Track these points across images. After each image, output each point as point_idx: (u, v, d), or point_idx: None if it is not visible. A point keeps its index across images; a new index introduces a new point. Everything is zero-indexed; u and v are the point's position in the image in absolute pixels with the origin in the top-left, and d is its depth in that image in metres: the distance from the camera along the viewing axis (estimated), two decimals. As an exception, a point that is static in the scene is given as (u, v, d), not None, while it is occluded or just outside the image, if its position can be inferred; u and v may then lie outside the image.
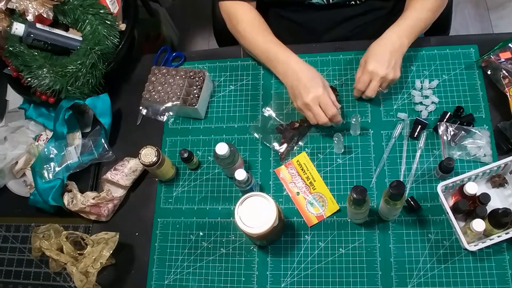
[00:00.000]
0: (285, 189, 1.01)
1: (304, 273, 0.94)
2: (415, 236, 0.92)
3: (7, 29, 1.07)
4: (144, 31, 1.92)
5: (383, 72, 0.96)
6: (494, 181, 0.93)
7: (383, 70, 0.96)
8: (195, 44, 2.21)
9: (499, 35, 1.06)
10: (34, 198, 1.05)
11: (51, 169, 1.06)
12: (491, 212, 0.84)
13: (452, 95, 1.03)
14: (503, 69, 0.97)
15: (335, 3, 1.10)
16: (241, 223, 0.85)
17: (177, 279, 0.98)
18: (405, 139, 1.00)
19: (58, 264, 0.97)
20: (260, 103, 1.11)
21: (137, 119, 1.16)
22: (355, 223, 0.96)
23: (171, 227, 1.02)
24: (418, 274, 0.90)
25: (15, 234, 1.10)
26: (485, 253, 0.89)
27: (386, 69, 0.96)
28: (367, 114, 1.05)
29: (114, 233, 0.96)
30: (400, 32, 0.99)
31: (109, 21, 1.10)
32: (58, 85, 1.06)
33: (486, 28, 2.01)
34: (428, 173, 0.97)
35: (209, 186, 1.05)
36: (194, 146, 1.09)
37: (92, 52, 1.06)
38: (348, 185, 0.99)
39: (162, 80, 1.10)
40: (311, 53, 1.14)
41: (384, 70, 0.96)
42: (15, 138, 1.14)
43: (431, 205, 0.94)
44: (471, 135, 0.96)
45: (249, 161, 1.06)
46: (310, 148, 1.04)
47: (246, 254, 0.97)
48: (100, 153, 1.09)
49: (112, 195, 1.03)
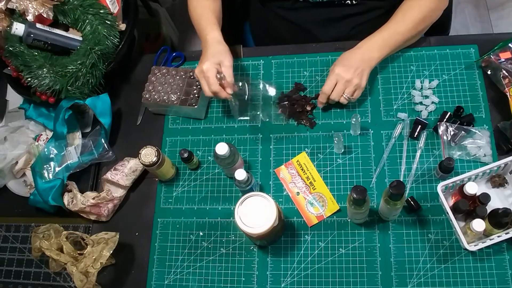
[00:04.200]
0: (285, 189, 1.01)
1: (304, 273, 0.94)
2: (415, 236, 0.92)
3: (7, 29, 1.07)
4: (144, 31, 1.92)
5: (348, 76, 0.98)
6: (494, 181, 0.93)
7: (348, 74, 0.98)
8: (195, 44, 2.21)
9: (499, 35, 1.06)
10: (34, 198, 1.05)
11: (51, 169, 1.06)
12: (491, 212, 0.84)
13: (452, 95, 1.03)
14: (503, 69, 0.97)
15: (329, 1, 1.10)
16: (241, 223, 0.85)
17: (177, 279, 0.98)
18: (405, 139, 1.00)
19: (58, 264, 0.97)
20: (260, 103, 1.11)
21: (137, 119, 1.16)
22: (355, 223, 0.96)
23: (171, 227, 1.02)
24: (418, 274, 0.90)
25: (15, 234, 1.10)
26: (485, 253, 0.89)
27: (352, 74, 0.98)
28: (367, 114, 1.05)
29: (114, 233, 0.96)
30: (373, 44, 1.01)
31: (109, 21, 1.10)
32: (58, 85, 1.06)
33: (486, 28, 2.01)
34: (428, 173, 0.97)
35: (209, 186, 1.05)
36: (194, 146, 1.09)
37: (92, 52, 1.06)
38: (348, 185, 0.99)
39: (162, 80, 1.10)
40: (311, 53, 1.14)
41: (349, 75, 0.98)
42: (15, 138, 1.14)
43: (431, 205, 0.94)
44: (471, 135, 0.96)
45: (249, 161, 1.06)
46: (310, 148, 1.04)
47: (246, 254, 0.97)
48: (100, 153, 1.09)
49: (112, 195, 1.03)
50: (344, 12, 1.13)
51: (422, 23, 1.03)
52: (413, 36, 1.04)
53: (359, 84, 0.99)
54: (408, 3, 1.03)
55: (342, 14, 1.13)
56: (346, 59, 1.00)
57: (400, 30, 1.02)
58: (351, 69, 0.98)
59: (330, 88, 1.00)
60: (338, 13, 1.13)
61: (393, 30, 1.02)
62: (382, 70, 1.08)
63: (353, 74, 0.98)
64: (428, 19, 1.03)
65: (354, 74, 0.98)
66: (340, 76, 0.99)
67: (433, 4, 1.02)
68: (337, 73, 0.99)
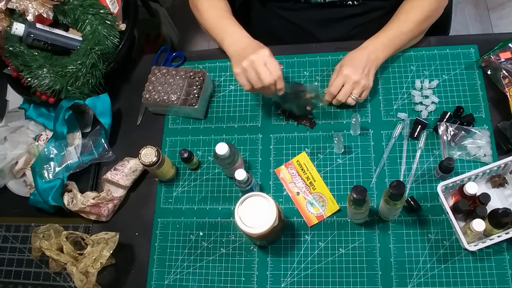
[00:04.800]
0: (285, 189, 1.01)
1: (304, 273, 0.94)
2: (415, 236, 0.92)
3: (7, 29, 1.07)
4: (144, 31, 1.92)
5: (356, 77, 0.97)
6: (494, 181, 0.93)
7: (357, 76, 0.97)
8: (195, 44, 2.21)
9: (499, 35, 1.06)
10: (34, 198, 1.05)
11: (51, 169, 1.06)
12: (491, 212, 0.84)
13: (452, 95, 1.03)
14: (503, 69, 0.97)
15: (330, 2, 1.10)
16: (241, 223, 0.85)
17: (177, 279, 0.98)
18: (405, 139, 1.00)
19: (58, 264, 0.97)
20: (260, 103, 1.11)
21: (137, 119, 1.16)
22: (355, 223, 0.96)
23: (171, 227, 1.02)
24: (418, 274, 0.90)
25: (15, 234, 1.10)
26: (485, 253, 0.89)
27: (360, 75, 0.98)
28: (367, 114, 1.05)
29: (114, 233, 0.96)
30: (377, 45, 1.01)
31: (109, 21, 1.10)
32: (58, 85, 1.06)
33: (486, 28, 2.01)
34: (428, 173, 0.97)
35: (209, 186, 1.05)
36: (194, 146, 1.09)
37: (92, 52, 1.06)
38: (348, 185, 0.99)
39: (162, 80, 1.10)
40: (311, 53, 1.14)
41: (358, 76, 0.97)
42: (15, 138, 1.14)
43: (431, 205, 0.94)
44: (471, 135, 0.96)
45: (249, 161, 1.06)
46: (310, 148, 1.04)
47: (246, 254, 0.97)
48: (100, 153, 1.09)
49: (112, 195, 1.03)
50: (345, 12, 1.13)
51: (425, 22, 1.03)
52: (416, 35, 1.04)
53: (367, 85, 0.99)
54: (410, 3, 1.03)
55: (343, 14, 1.13)
56: (353, 60, 1.00)
57: (404, 30, 1.02)
58: (359, 69, 0.98)
59: (337, 89, 1.00)
60: (339, 14, 1.13)
61: (397, 30, 1.02)
62: (382, 70, 1.08)
63: (361, 75, 0.98)
64: (431, 18, 1.04)
65: (362, 75, 0.98)
66: (349, 77, 0.98)
67: (435, 3, 1.02)
68: (345, 74, 0.98)
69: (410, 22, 1.01)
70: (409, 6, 1.02)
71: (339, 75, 1.00)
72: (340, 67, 1.01)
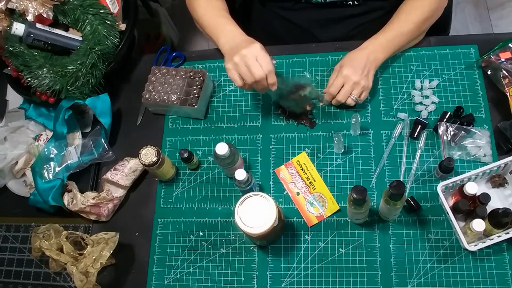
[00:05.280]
0: (285, 189, 1.01)
1: (304, 273, 0.94)
2: (415, 236, 0.92)
3: (7, 29, 1.07)
4: (144, 31, 1.92)
5: (356, 78, 0.97)
6: (494, 181, 0.93)
7: (356, 76, 0.97)
8: (195, 44, 2.21)
9: (499, 35, 1.06)
10: (34, 198, 1.05)
11: (51, 169, 1.06)
12: (491, 212, 0.84)
13: (452, 95, 1.03)
14: (503, 69, 0.97)
15: (331, 2, 1.10)
16: (241, 223, 0.85)
17: (177, 279, 0.98)
18: (405, 139, 1.00)
19: (58, 264, 0.97)
20: (260, 103, 1.11)
21: (137, 119, 1.16)
22: (355, 223, 0.96)
23: (171, 227, 1.02)
24: (418, 274, 0.90)
25: (15, 234, 1.10)
26: (485, 253, 0.89)
27: (360, 75, 0.98)
28: (367, 114, 1.05)
29: (114, 233, 0.96)
30: (377, 45, 1.01)
31: (109, 21, 1.10)
32: (58, 85, 1.06)
33: (486, 28, 2.01)
34: (428, 173, 0.97)
35: (209, 186, 1.05)
36: (194, 146, 1.09)
37: (92, 52, 1.06)
38: (348, 185, 0.99)
39: (162, 80, 1.10)
40: (311, 53, 1.14)
41: (357, 76, 0.98)
42: (15, 138, 1.14)
43: (431, 205, 0.94)
44: (471, 135, 0.96)
45: (249, 161, 1.06)
46: (310, 148, 1.04)
47: (246, 254, 0.97)
48: (100, 153, 1.09)
49: (112, 195, 1.03)
50: (345, 12, 1.13)
51: (425, 23, 1.03)
52: (416, 36, 1.04)
53: (366, 86, 0.99)
54: (410, 3, 1.02)
55: (343, 14, 1.13)
56: (353, 60, 1.00)
57: (404, 31, 1.02)
58: (359, 70, 0.98)
59: (337, 89, 1.00)
60: (339, 14, 1.13)
61: (397, 31, 1.02)
62: (382, 70, 1.08)
63: (361, 76, 0.98)
64: (431, 19, 1.04)
65: (361, 76, 0.98)
66: (349, 78, 0.98)
67: (435, 4, 1.02)
68: (345, 75, 0.98)
69: (410, 22, 1.01)
70: (409, 7, 1.02)
71: (338, 75, 1.00)
72: (340, 68, 1.01)
